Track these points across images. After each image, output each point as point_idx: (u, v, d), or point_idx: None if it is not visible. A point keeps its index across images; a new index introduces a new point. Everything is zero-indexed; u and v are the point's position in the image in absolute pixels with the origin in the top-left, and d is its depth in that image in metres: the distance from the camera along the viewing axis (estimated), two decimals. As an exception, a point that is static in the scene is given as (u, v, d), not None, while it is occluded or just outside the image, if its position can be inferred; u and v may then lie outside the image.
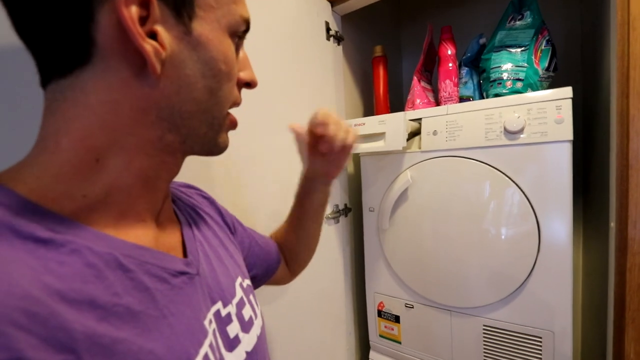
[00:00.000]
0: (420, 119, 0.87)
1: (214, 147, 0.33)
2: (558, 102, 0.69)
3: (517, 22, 0.82)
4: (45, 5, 0.23)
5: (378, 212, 0.95)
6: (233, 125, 0.35)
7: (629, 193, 0.58)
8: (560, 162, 0.69)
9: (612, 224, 0.63)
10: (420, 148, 0.87)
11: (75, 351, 0.20)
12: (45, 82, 0.26)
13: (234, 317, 0.36)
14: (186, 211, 0.40)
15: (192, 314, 0.30)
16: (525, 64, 0.81)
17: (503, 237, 0.76)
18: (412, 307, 0.92)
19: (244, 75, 0.34)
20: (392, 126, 0.82)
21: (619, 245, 0.61)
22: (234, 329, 0.36)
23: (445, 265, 0.84)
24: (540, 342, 0.73)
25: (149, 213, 0.31)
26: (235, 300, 0.38)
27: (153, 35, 0.25)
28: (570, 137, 0.67)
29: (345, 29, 1.06)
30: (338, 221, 1.00)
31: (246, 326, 0.38)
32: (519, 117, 0.72)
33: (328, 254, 0.97)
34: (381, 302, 0.98)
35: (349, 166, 1.10)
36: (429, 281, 0.87)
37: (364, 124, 0.87)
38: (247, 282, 0.43)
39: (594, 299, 0.86)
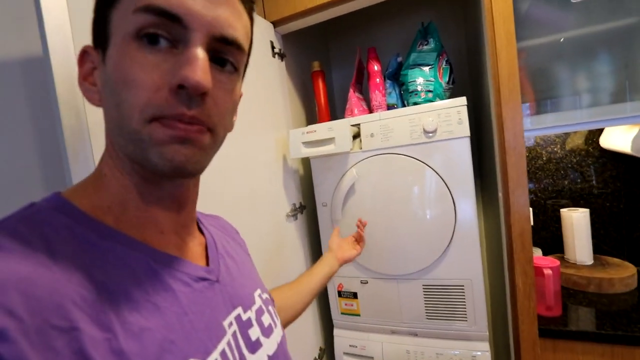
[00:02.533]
0: (359, 124, 1.04)
1: (148, 164, 0.29)
2: (457, 108, 0.92)
3: (424, 47, 1.05)
4: None
5: (331, 206, 1.10)
6: (177, 133, 0.28)
7: (508, 171, 0.83)
8: (463, 153, 0.92)
9: (500, 194, 0.88)
10: (361, 148, 1.04)
11: (113, 331, 0.25)
12: None
13: (254, 322, 0.40)
14: (212, 230, 0.45)
15: (211, 314, 0.34)
16: (433, 79, 1.04)
17: (429, 214, 0.97)
18: (367, 283, 1.09)
19: (174, 78, 0.27)
20: (339, 132, 0.97)
21: (505, 208, 0.86)
22: (254, 332, 0.39)
23: (389, 243, 1.03)
24: (463, 288, 0.96)
25: (163, 226, 0.34)
26: (254, 307, 0.42)
27: None
28: (468, 134, 0.90)
29: (286, 47, 1.18)
30: (296, 218, 1.12)
31: (266, 331, 0.41)
32: (432, 120, 0.94)
33: (289, 250, 1.08)
34: (340, 284, 1.13)
35: (300, 168, 1.23)
36: (378, 258, 1.05)
37: (315, 130, 1.01)
38: (266, 295, 0.47)
39: (494, 252, 1.14)
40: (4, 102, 0.52)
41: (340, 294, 1.14)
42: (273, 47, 1.08)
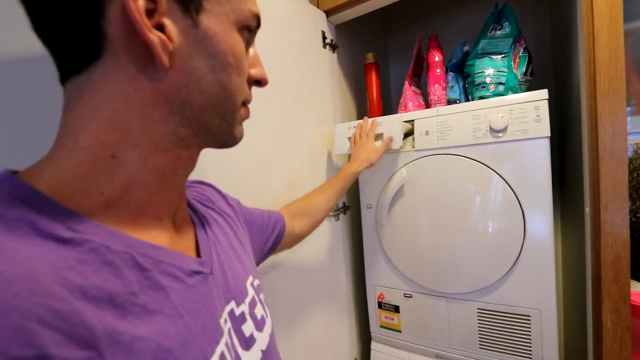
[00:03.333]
0: (413, 120, 0.94)
1: (229, 138, 0.34)
2: (536, 103, 0.77)
3: (497, 32, 0.91)
4: (59, 1, 0.24)
5: (376, 209, 1.01)
6: (247, 116, 0.36)
7: (600, 181, 0.67)
8: (540, 157, 0.77)
9: (587, 210, 0.71)
10: (413, 147, 0.93)
11: (97, 348, 0.20)
12: (63, 80, 0.27)
13: (247, 316, 0.37)
14: (200, 211, 0.41)
15: (207, 313, 0.30)
16: (506, 70, 0.89)
17: (492, 226, 0.83)
18: (411, 297, 0.98)
19: (254, 72, 0.34)
20: (390, 128, 0.88)
21: (593, 227, 0.69)
22: (248, 327, 0.36)
23: (440, 255, 0.90)
24: (530, 320, 0.80)
25: (165, 210, 0.31)
26: (247, 300, 0.38)
27: (161, 29, 0.25)
28: (548, 133, 0.75)
29: (339, 38, 1.12)
30: (338, 219, 1.06)
31: (259, 325, 0.38)
32: (502, 117, 0.80)
33: (329, 251, 1.02)
34: (381, 294, 1.04)
35: (346, 167, 1.16)
36: (426, 271, 0.94)
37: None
38: (257, 281, 0.43)
39: (572, 279, 0.94)
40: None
41: (380, 305, 1.04)
42: (324, 38, 1.03)
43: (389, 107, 1.48)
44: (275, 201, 0.81)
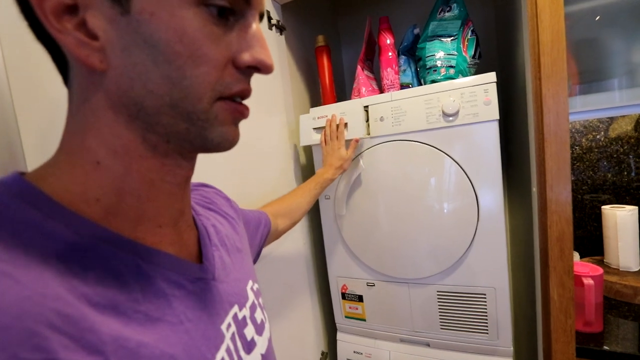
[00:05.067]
0: (367, 106, 0.91)
1: (206, 143, 0.28)
2: (485, 86, 0.77)
3: (446, 14, 0.90)
4: (23, 10, 0.24)
5: (334, 200, 0.97)
6: (236, 114, 0.29)
7: (546, 162, 0.69)
8: (490, 139, 0.78)
9: (534, 189, 0.74)
10: (369, 134, 0.91)
11: (104, 353, 0.20)
12: (66, 85, 0.28)
13: (248, 321, 0.37)
14: (203, 215, 0.40)
15: (208, 319, 0.30)
16: (455, 52, 0.89)
17: (447, 210, 0.84)
18: (374, 285, 0.97)
19: (247, 56, 0.27)
20: (353, 115, 0.85)
21: (540, 206, 0.72)
22: (249, 332, 0.37)
23: (400, 241, 0.90)
24: (485, 297, 0.83)
25: (164, 218, 0.30)
26: (248, 304, 0.39)
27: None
28: (497, 116, 0.76)
29: (286, 19, 1.05)
30: (296, 212, 1.01)
31: (259, 329, 0.39)
32: (454, 100, 0.79)
33: (290, 246, 0.97)
34: (344, 285, 1.02)
35: (302, 157, 1.11)
36: (386, 259, 0.93)
37: (326, 116, 0.88)
38: (256, 285, 0.44)
39: (520, 255, 1.00)
40: None
41: (344, 296, 1.03)
42: (270, 18, 0.95)
43: (342, 92, 1.44)
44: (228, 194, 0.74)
